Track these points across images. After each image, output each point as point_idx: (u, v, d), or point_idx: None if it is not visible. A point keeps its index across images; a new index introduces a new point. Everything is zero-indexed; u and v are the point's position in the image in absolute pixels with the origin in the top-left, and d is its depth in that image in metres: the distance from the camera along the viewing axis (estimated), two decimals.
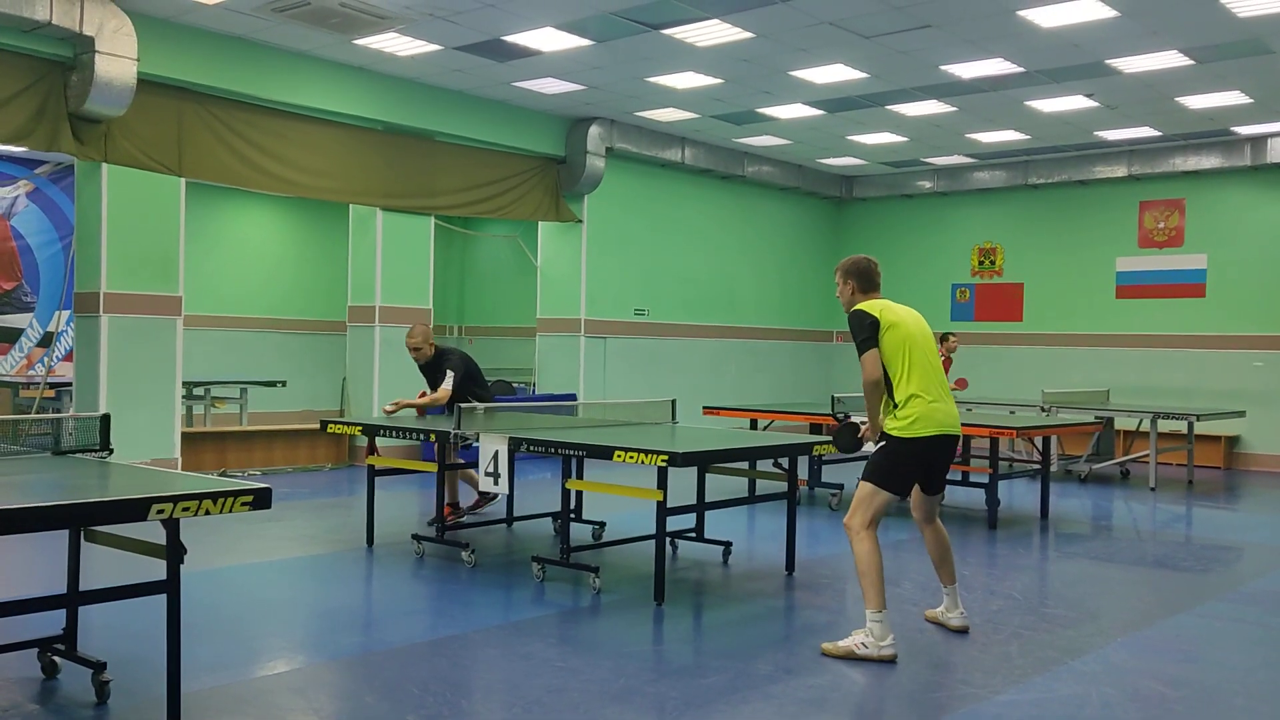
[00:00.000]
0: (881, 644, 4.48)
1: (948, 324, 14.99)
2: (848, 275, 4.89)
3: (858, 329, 4.69)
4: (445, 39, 9.03)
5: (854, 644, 4.51)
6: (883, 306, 4.76)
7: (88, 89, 8.11)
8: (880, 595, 4.52)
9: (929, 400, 4.62)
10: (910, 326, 4.73)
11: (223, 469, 9.79)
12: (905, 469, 4.69)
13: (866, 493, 4.66)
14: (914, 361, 4.65)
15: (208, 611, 5.03)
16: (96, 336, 8.73)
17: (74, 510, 3.14)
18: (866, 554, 4.56)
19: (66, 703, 3.83)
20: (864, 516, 4.62)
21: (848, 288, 4.88)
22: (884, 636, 4.49)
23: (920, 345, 4.72)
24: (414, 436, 6.51)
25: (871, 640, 4.49)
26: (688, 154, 13.02)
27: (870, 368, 4.62)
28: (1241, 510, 9.65)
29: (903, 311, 4.80)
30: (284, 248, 15.05)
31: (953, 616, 5.02)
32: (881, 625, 4.49)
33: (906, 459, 4.66)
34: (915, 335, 4.72)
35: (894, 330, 4.67)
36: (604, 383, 12.61)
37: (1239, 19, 8.06)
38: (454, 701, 3.91)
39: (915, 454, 4.66)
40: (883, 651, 4.47)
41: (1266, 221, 12.61)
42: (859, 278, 4.87)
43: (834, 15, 8.20)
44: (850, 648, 4.51)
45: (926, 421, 4.61)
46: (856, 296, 4.85)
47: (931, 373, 4.71)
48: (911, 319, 4.79)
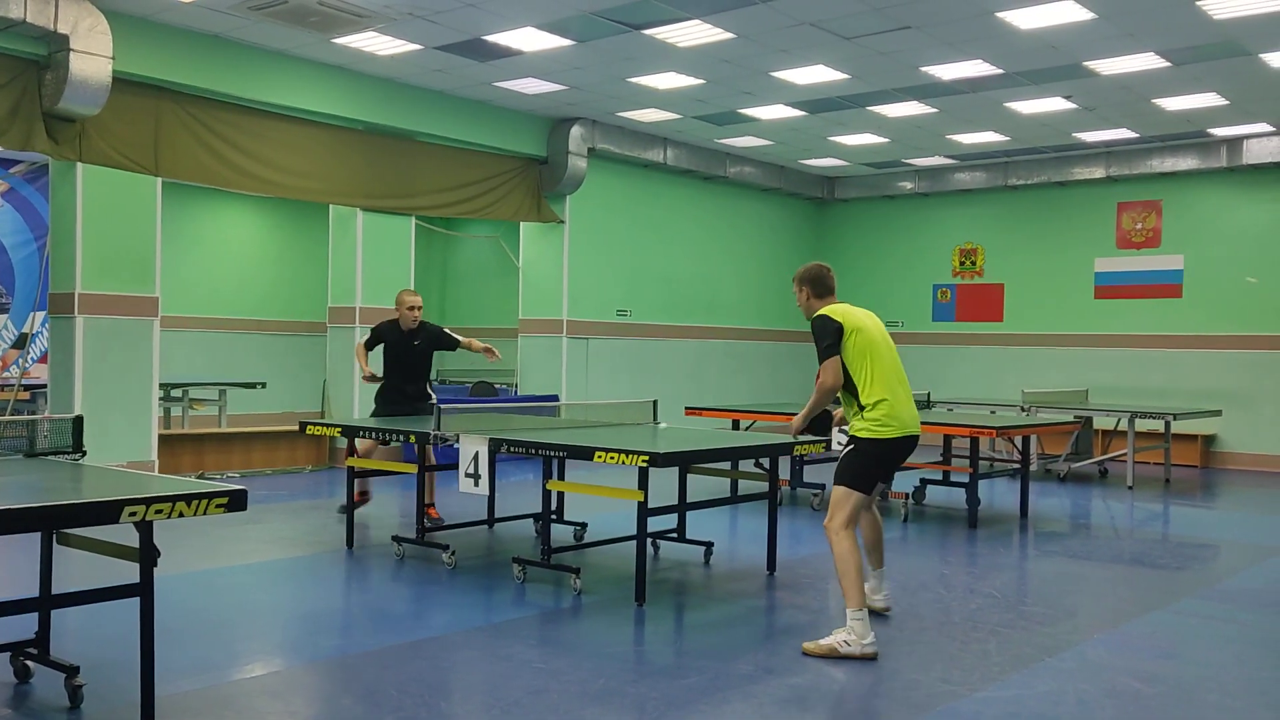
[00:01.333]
0: (863, 641, 4.54)
1: (930, 324, 15.07)
2: (802, 283, 5.05)
3: (822, 334, 4.80)
4: (425, 38, 8.99)
5: (836, 642, 4.57)
6: (844, 311, 4.87)
7: (62, 88, 8.04)
8: (861, 593, 4.61)
9: (894, 403, 4.77)
10: (873, 331, 4.86)
11: (201, 471, 9.71)
12: (873, 469, 4.85)
13: (840, 495, 4.80)
14: (878, 365, 4.79)
15: (184, 615, 4.99)
16: (72, 338, 8.65)
17: (45, 512, 3.11)
18: (845, 553, 4.66)
19: (39, 707, 3.79)
20: (842, 517, 4.75)
21: (803, 294, 5.03)
22: (865, 634, 4.55)
23: (883, 348, 4.86)
24: (394, 438, 6.48)
25: (854, 638, 4.55)
26: (669, 154, 13.02)
27: (831, 375, 4.74)
28: (1217, 508, 9.74)
29: (863, 316, 4.91)
30: (263, 248, 14.96)
31: (878, 599, 5.25)
32: (863, 623, 4.56)
33: (874, 459, 4.81)
34: (878, 339, 4.86)
35: (858, 335, 4.79)
36: (586, 383, 12.59)
37: (1215, 21, 8.13)
38: (433, 703, 3.89)
39: (882, 454, 4.82)
40: (865, 649, 4.54)
41: (1242, 222, 12.72)
42: (813, 284, 5.01)
43: (814, 16, 8.21)
44: (833, 645, 4.56)
45: (893, 423, 4.75)
46: (813, 302, 4.99)
47: (895, 375, 4.85)
48: (872, 323, 4.92)
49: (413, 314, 7.60)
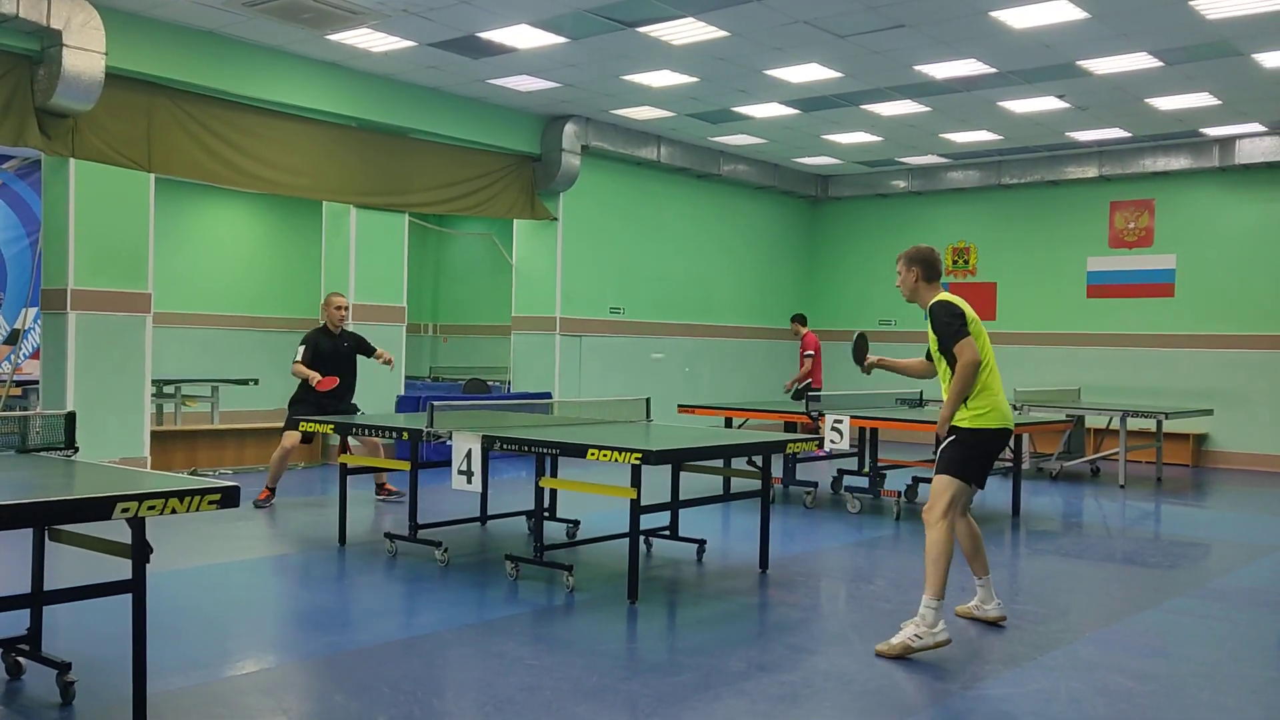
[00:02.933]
0: (933, 630, 4.51)
1: (922, 323, 15.05)
2: (912, 263, 4.97)
3: (949, 320, 4.77)
4: (419, 35, 8.98)
5: (907, 639, 4.51)
6: (960, 301, 4.88)
7: (55, 83, 8.01)
8: (941, 584, 4.56)
9: (996, 394, 4.81)
10: (981, 326, 4.91)
11: (193, 468, 9.69)
12: (975, 458, 4.80)
13: (941, 484, 4.76)
14: (988, 358, 4.84)
15: (176, 612, 4.98)
16: (64, 334, 8.62)
17: (38, 509, 3.10)
18: (938, 541, 4.63)
19: (31, 704, 3.78)
20: (940, 506, 4.70)
21: (911, 275, 4.96)
22: (935, 623, 4.52)
23: (988, 342, 4.90)
24: (387, 435, 6.47)
25: (924, 628, 4.50)
26: (663, 152, 13.02)
27: (972, 351, 4.71)
28: (1209, 507, 9.77)
29: (971, 309, 4.93)
30: (256, 245, 14.93)
31: (990, 608, 5.10)
32: (934, 612, 4.52)
33: (976, 448, 4.78)
34: (985, 334, 4.90)
35: (974, 325, 4.82)
36: (579, 381, 12.59)
37: (1208, 21, 8.16)
38: (426, 701, 3.89)
39: (983, 444, 4.79)
40: (937, 638, 4.51)
41: (1234, 222, 12.77)
42: (925, 266, 4.96)
43: (808, 14, 8.22)
44: (905, 644, 4.50)
45: (996, 415, 4.78)
46: (920, 285, 4.96)
47: (996, 370, 4.89)
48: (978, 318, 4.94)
49: (340, 314, 8.24)
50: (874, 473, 8.75)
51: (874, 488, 8.75)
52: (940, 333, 4.82)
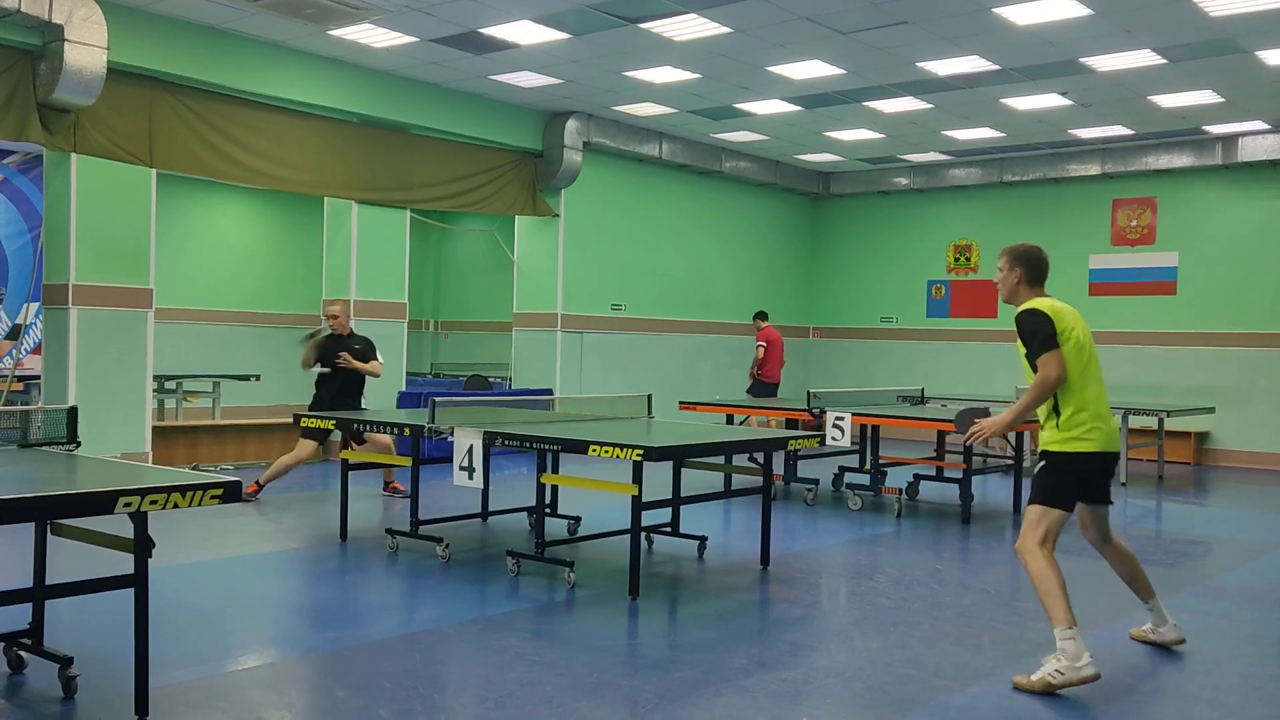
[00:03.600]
0: (1077, 665, 4.05)
1: (924, 320, 15.09)
2: (1015, 262, 4.49)
3: (1036, 330, 4.30)
4: (421, 31, 8.97)
5: (1048, 674, 4.07)
6: (1056, 310, 4.37)
7: (57, 78, 8.00)
8: (1067, 610, 4.14)
9: (1096, 414, 4.32)
10: (1083, 335, 4.39)
11: (195, 463, 9.70)
12: (1069, 485, 4.35)
13: (1034, 515, 4.35)
14: (1086, 373, 4.34)
15: (178, 606, 4.98)
16: (65, 329, 8.62)
17: (40, 503, 3.10)
18: (1040, 572, 4.23)
19: (33, 698, 3.79)
20: (1034, 538, 4.30)
21: (1013, 275, 4.49)
22: (1078, 656, 4.06)
23: (1090, 354, 4.39)
24: (388, 431, 6.47)
25: (1065, 663, 4.06)
26: (665, 149, 13.01)
27: (1056, 367, 4.24)
28: (1210, 505, 9.77)
29: (1072, 315, 4.42)
30: (257, 240, 14.92)
31: (1165, 630, 4.71)
32: (1074, 643, 4.08)
33: (1069, 475, 4.34)
34: (1086, 344, 4.38)
35: (1070, 338, 4.32)
36: (580, 378, 12.59)
37: (1211, 18, 8.14)
38: (426, 696, 3.89)
39: (1078, 469, 4.34)
40: (1082, 673, 4.05)
41: (1237, 220, 12.75)
42: (1030, 267, 4.48)
43: (811, 11, 8.21)
44: (1045, 680, 4.07)
45: (1092, 437, 4.30)
46: (1021, 288, 4.48)
47: (1099, 385, 4.38)
48: (1081, 325, 4.42)
49: (333, 322, 8.32)
50: (875, 470, 8.75)
51: (875, 485, 8.75)
52: (1026, 343, 4.35)
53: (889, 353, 15.34)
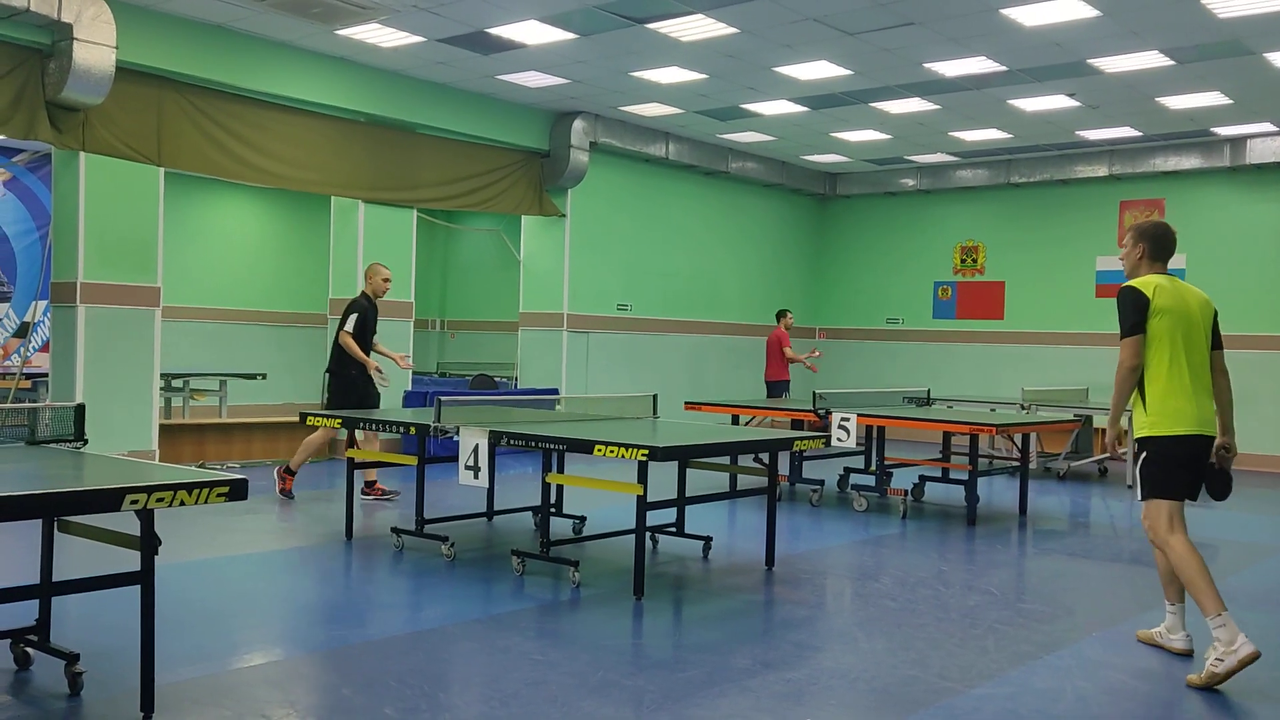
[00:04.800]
0: (1233, 648, 4.12)
1: (930, 322, 15.07)
2: (1141, 238, 4.55)
3: (1124, 309, 4.37)
4: (428, 30, 8.99)
5: (1210, 665, 4.17)
6: (1157, 286, 4.37)
7: (65, 77, 8.03)
8: (1213, 598, 4.19)
9: (1181, 397, 4.33)
10: (1179, 314, 4.36)
11: (201, 461, 9.73)
12: (1170, 470, 4.38)
13: (1150, 510, 4.49)
14: (1176, 353, 4.33)
15: (184, 603, 5.00)
16: (73, 327, 8.65)
17: (47, 500, 3.11)
18: (1180, 560, 4.29)
19: (39, 694, 3.80)
20: (1162, 527, 4.41)
21: (1137, 250, 4.54)
22: (1232, 639, 4.13)
23: (1190, 336, 4.37)
24: (394, 430, 6.48)
25: (1222, 649, 4.14)
26: (672, 149, 13.01)
27: (1130, 354, 4.32)
28: (1217, 508, 9.73)
29: (1176, 296, 4.40)
30: (264, 239, 14.96)
31: (1175, 639, 4.69)
32: (1226, 629, 4.15)
33: (1166, 460, 4.38)
34: (1186, 325, 4.37)
35: (1162, 317, 4.32)
36: (586, 377, 12.60)
37: (1219, 20, 8.12)
38: (431, 694, 3.90)
39: (1173, 453, 4.37)
40: (1241, 656, 4.10)
41: (1245, 222, 12.72)
42: (1152, 242, 4.52)
43: (818, 11, 8.21)
44: (1211, 671, 4.15)
45: (1180, 419, 4.34)
46: (1143, 264, 4.52)
47: (1192, 367, 4.36)
48: (1185, 306, 4.39)
49: (386, 285, 8.27)
50: (881, 471, 8.74)
51: (880, 486, 8.74)
52: (1120, 321, 4.40)
53: (895, 354, 15.32)
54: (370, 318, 8.12)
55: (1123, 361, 4.36)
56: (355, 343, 7.99)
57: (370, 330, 8.14)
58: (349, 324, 8.00)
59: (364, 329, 8.06)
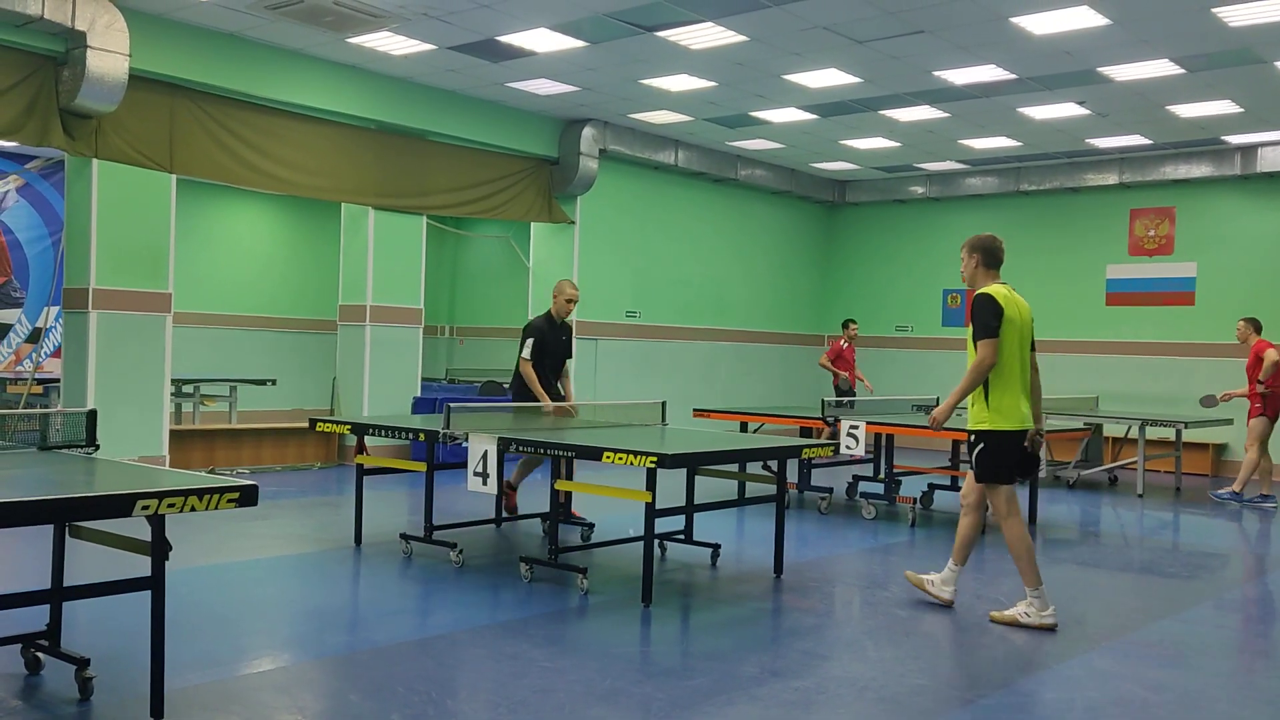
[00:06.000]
0: (1042, 614, 5.05)
1: (940, 329, 15.04)
2: (973, 250, 5.28)
3: (984, 314, 5.04)
4: (439, 38, 9.02)
5: (1019, 613, 5.11)
6: (1006, 298, 5.10)
7: (79, 84, 8.09)
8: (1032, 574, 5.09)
9: (1015, 397, 5.09)
10: (1019, 326, 5.12)
11: (211, 467, 9.76)
12: (1002, 460, 5.14)
13: (991, 494, 5.23)
14: (1014, 360, 5.07)
15: (193, 609, 5.01)
16: (85, 333, 8.70)
17: (58, 505, 3.12)
18: (1011, 540, 5.13)
19: (49, 699, 3.82)
20: (999, 510, 5.20)
21: (971, 260, 5.27)
22: (1044, 608, 5.08)
23: (1022, 345, 5.13)
24: (403, 436, 6.50)
25: (1033, 610, 5.08)
26: (681, 156, 13.03)
27: (986, 353, 5.02)
28: (1228, 518, 9.69)
29: (1016, 308, 5.14)
30: (275, 246, 15.01)
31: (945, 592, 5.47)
32: (1042, 599, 5.08)
33: (1000, 451, 5.12)
34: (1023, 335, 5.13)
35: (1009, 327, 5.06)
36: (595, 384, 12.60)
37: (1230, 28, 8.11)
38: (439, 701, 3.90)
39: (1006, 445, 5.12)
40: (1043, 620, 5.05)
41: (1256, 230, 12.67)
42: (984, 253, 5.26)
43: (827, 19, 8.21)
44: (1015, 616, 5.12)
45: (1013, 416, 5.09)
46: (979, 272, 5.26)
47: (1024, 371, 5.13)
48: (1021, 317, 5.16)
49: (570, 306, 7.52)
50: (889, 479, 8.72)
51: (889, 494, 8.72)
52: (974, 324, 5.07)
53: (904, 361, 15.30)
54: (550, 341, 7.40)
55: (983, 359, 5.03)
56: (533, 371, 7.25)
57: (549, 355, 7.42)
58: (525, 349, 7.26)
59: (540, 353, 7.34)
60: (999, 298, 5.07)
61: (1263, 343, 10.11)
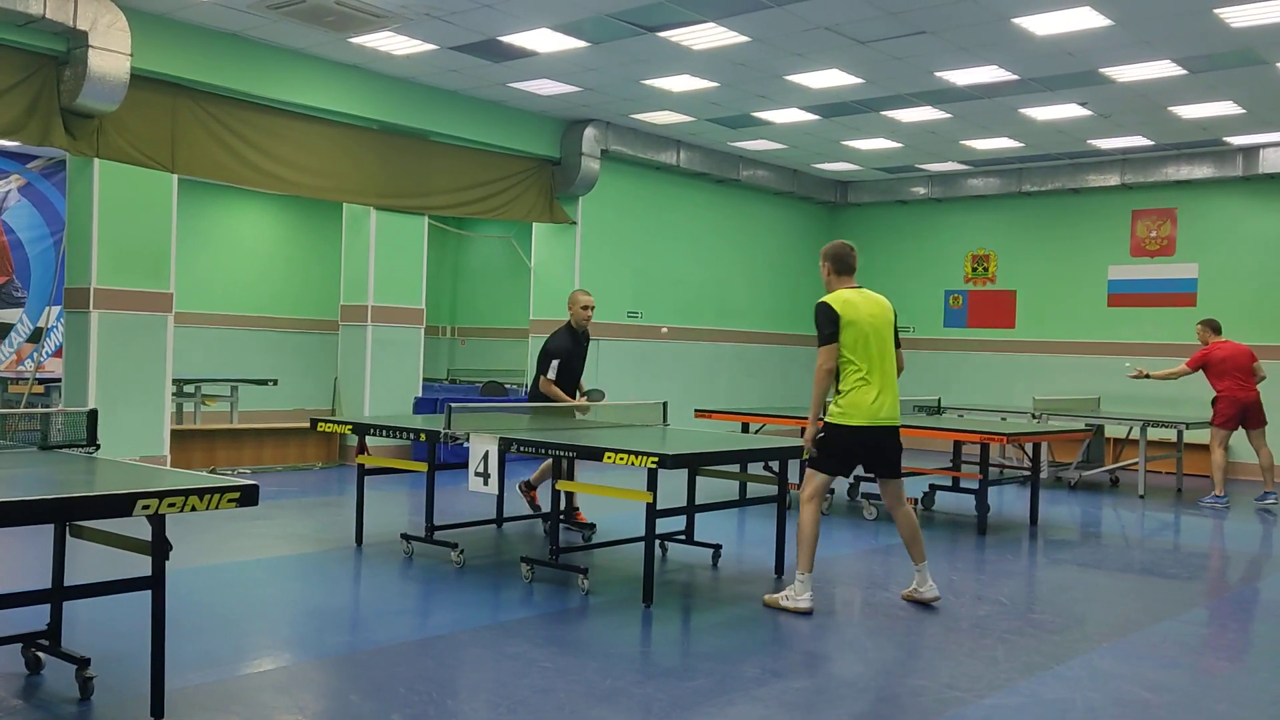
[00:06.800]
0: (799, 598, 5.28)
1: (941, 330, 15.03)
2: (824, 258, 5.49)
3: (821, 323, 5.28)
4: (441, 39, 9.02)
5: (780, 596, 5.37)
6: (845, 301, 5.29)
7: (81, 84, 8.09)
8: (806, 560, 5.30)
9: (862, 393, 5.25)
10: (865, 324, 5.28)
11: (212, 467, 9.76)
12: (835, 453, 5.34)
13: (808, 475, 5.44)
14: (861, 357, 5.25)
15: (194, 609, 5.01)
16: (86, 332, 8.70)
17: (59, 505, 3.12)
18: (803, 522, 5.33)
19: (50, 699, 3.82)
20: (807, 491, 5.40)
21: (824, 269, 5.48)
22: (802, 593, 5.28)
23: (872, 341, 5.28)
24: (404, 436, 6.50)
25: (793, 593, 5.30)
26: (683, 157, 13.02)
27: (822, 358, 5.27)
28: (1229, 519, 9.68)
29: (863, 308, 5.31)
30: (276, 246, 15.02)
31: (924, 590, 5.60)
32: (804, 585, 5.30)
33: (835, 444, 5.32)
34: (868, 332, 5.28)
35: (851, 329, 5.25)
36: (596, 384, 12.59)
37: (1232, 29, 8.10)
38: (440, 701, 3.90)
39: (843, 440, 5.30)
40: (798, 604, 5.27)
41: (1258, 231, 12.66)
42: (834, 261, 5.46)
43: (830, 20, 8.21)
44: (777, 599, 5.37)
45: (855, 413, 5.26)
46: (832, 279, 5.45)
47: (878, 367, 5.30)
48: (870, 315, 5.32)
49: (587, 313, 7.51)
50: None
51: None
52: (818, 331, 5.30)
53: (906, 362, 15.27)
54: (573, 357, 7.43)
55: (821, 364, 5.27)
56: (557, 387, 7.26)
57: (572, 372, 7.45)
58: (550, 370, 7.24)
59: (564, 371, 7.35)
60: (835, 304, 5.25)
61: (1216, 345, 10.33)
